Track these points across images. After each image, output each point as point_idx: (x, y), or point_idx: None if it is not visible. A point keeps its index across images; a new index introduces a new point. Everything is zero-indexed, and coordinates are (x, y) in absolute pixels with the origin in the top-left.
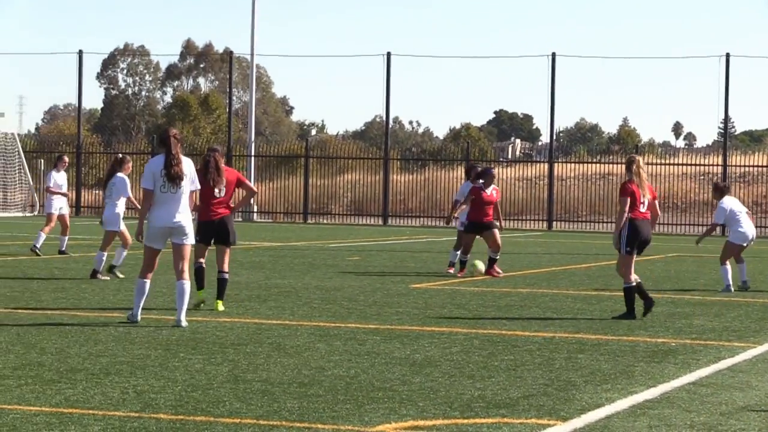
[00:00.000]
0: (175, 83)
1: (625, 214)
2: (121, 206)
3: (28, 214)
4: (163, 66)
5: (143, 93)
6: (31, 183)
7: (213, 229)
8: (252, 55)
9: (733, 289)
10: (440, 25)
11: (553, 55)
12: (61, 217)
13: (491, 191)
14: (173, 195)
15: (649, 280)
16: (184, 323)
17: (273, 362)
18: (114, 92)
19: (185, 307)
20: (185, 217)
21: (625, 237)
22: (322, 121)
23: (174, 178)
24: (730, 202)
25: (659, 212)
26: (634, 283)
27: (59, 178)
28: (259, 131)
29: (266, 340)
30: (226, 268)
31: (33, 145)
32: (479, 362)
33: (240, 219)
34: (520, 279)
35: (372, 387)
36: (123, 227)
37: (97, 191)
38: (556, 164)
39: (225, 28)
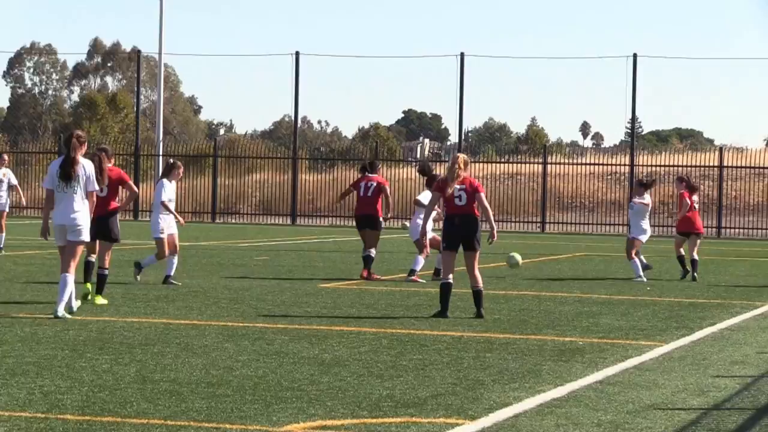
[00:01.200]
0: (83, 82)
1: (432, 210)
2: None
3: None
4: (71, 65)
5: (50, 92)
6: None
7: (94, 226)
8: (160, 54)
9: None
10: (349, 24)
11: (462, 54)
12: None
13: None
14: (67, 194)
15: (557, 280)
16: (60, 313)
17: (181, 362)
18: (20, 91)
19: (65, 299)
20: (80, 216)
21: (442, 233)
22: (231, 120)
23: (67, 177)
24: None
25: (487, 205)
26: (449, 281)
27: None
28: (167, 130)
29: (174, 340)
30: (106, 264)
31: None
32: (387, 362)
33: (148, 218)
34: (429, 278)
35: (280, 387)
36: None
37: None
38: None
39: (133, 27)
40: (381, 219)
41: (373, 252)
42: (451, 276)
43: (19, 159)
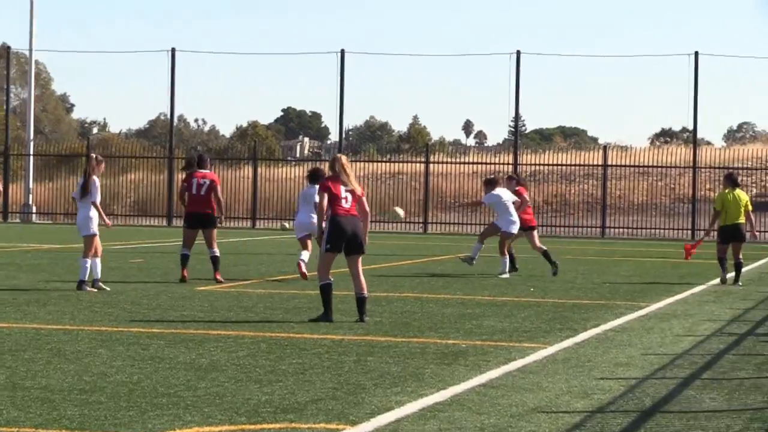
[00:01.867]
0: None
1: (324, 210)
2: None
3: None
4: None
5: None
6: None
7: None
8: (30, 50)
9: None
10: (228, 21)
11: (342, 52)
12: None
13: None
14: None
15: (440, 280)
16: None
17: (53, 368)
18: None
19: None
20: None
21: (326, 235)
22: (105, 119)
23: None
24: (500, 191)
25: (368, 209)
26: (330, 281)
27: None
28: (38, 129)
29: (46, 346)
30: None
31: None
32: (266, 366)
33: (18, 220)
34: (311, 281)
35: (156, 393)
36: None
37: None
38: None
39: (2, 23)
40: (216, 217)
41: (218, 251)
42: (331, 277)
43: None
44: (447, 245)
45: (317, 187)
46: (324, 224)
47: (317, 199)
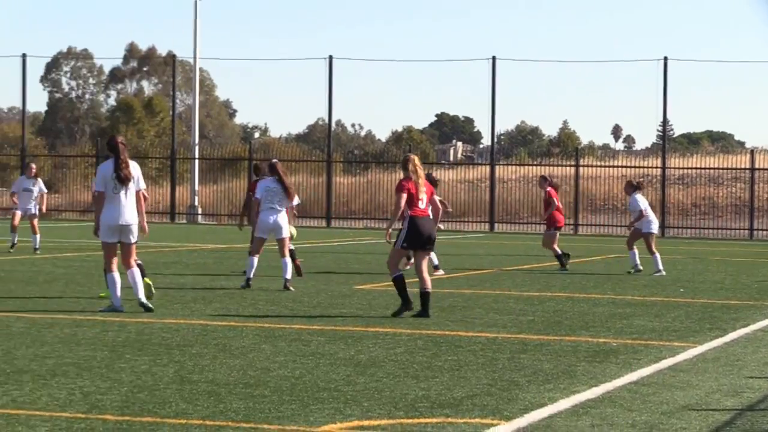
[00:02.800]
0: (119, 86)
1: (400, 210)
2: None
3: None
4: (107, 69)
5: (87, 96)
6: None
7: None
8: (195, 58)
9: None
10: (382, 29)
11: (494, 58)
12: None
13: None
14: (119, 196)
15: (590, 280)
16: (144, 300)
17: (219, 363)
18: (58, 95)
19: (141, 288)
20: (132, 217)
21: (404, 233)
22: (266, 124)
23: (123, 180)
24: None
25: (440, 207)
26: (402, 272)
27: (25, 183)
28: (202, 134)
29: (212, 342)
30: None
31: None
32: (423, 362)
33: (185, 221)
34: (463, 280)
35: (317, 387)
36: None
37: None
38: (497, 166)
39: (168, 32)
40: None
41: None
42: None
43: (57, 163)
44: (597, 246)
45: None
46: (394, 224)
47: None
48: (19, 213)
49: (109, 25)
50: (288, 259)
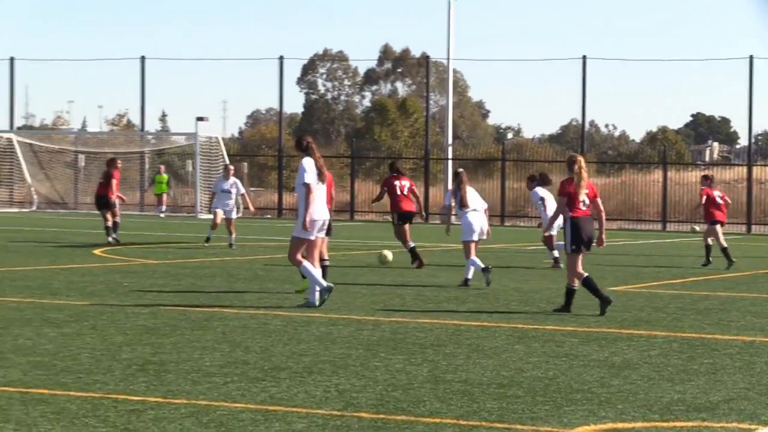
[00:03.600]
0: (373, 88)
1: (560, 212)
2: None
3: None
4: (362, 71)
5: (342, 97)
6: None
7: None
8: (448, 59)
9: None
10: (636, 28)
11: (751, 57)
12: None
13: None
14: (321, 192)
15: None
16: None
17: (472, 363)
18: (314, 97)
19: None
20: (327, 213)
21: (569, 237)
22: (518, 124)
23: (323, 177)
24: None
25: (602, 209)
26: (582, 280)
27: (222, 185)
28: (455, 135)
29: (465, 341)
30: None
31: (236, 149)
32: (678, 365)
33: (438, 221)
34: (719, 282)
35: (570, 389)
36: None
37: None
38: (754, 167)
39: (422, 33)
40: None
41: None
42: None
43: None
44: None
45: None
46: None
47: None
48: (220, 212)
49: (364, 27)
50: (476, 258)
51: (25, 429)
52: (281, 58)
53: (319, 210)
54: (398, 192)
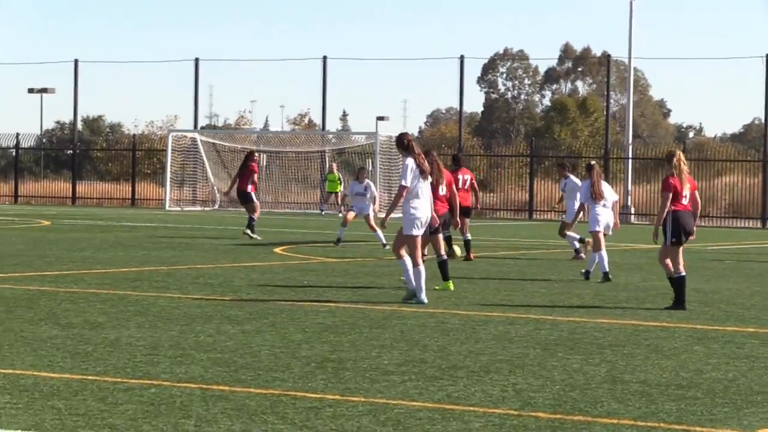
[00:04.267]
0: (554, 87)
1: (667, 209)
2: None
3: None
4: (542, 70)
5: (522, 96)
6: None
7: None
8: (629, 58)
9: None
10: None
11: None
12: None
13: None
14: (425, 190)
15: None
16: (424, 299)
17: (650, 364)
18: (494, 96)
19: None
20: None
21: (670, 229)
22: (700, 123)
23: (425, 174)
24: None
25: (699, 203)
26: (683, 273)
27: (356, 188)
28: (636, 134)
29: (644, 342)
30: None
31: None
32: None
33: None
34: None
35: (751, 391)
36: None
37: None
38: None
39: (603, 32)
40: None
41: (469, 235)
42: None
43: (492, 162)
44: None
45: None
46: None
47: None
48: (352, 212)
49: (544, 26)
50: (604, 252)
51: (205, 425)
52: (462, 57)
53: (423, 208)
54: (458, 186)
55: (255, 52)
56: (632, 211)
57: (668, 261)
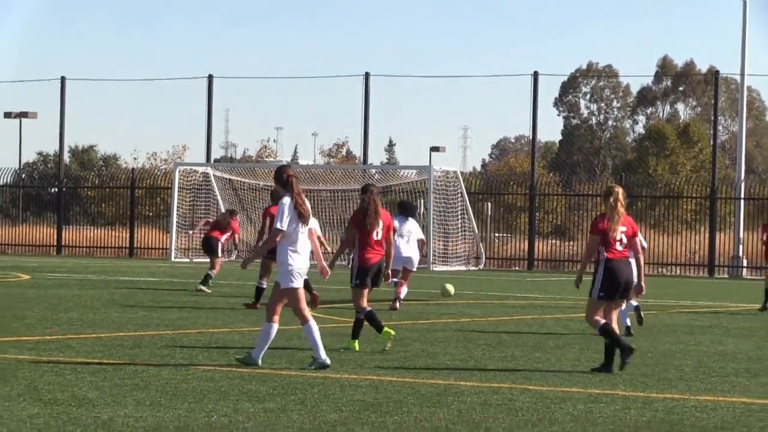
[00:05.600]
0: (649, 110)
1: (590, 255)
2: None
3: (471, 268)
4: (634, 89)
5: (609, 122)
6: (476, 231)
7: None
8: (742, 75)
9: None
10: None
11: None
12: None
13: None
14: (304, 235)
15: None
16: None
17: None
18: (575, 121)
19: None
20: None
21: (599, 281)
22: None
23: (304, 216)
24: None
25: (642, 249)
26: (599, 327)
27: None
28: (749, 168)
29: (757, 424)
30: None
31: (478, 186)
32: None
33: (726, 275)
34: None
35: None
36: None
37: (552, 240)
38: None
39: (709, 44)
40: None
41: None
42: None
43: (572, 203)
44: None
45: None
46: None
47: None
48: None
49: (637, 36)
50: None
51: None
52: (535, 73)
53: (301, 257)
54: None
55: (280, 69)
56: (744, 263)
57: (597, 317)
